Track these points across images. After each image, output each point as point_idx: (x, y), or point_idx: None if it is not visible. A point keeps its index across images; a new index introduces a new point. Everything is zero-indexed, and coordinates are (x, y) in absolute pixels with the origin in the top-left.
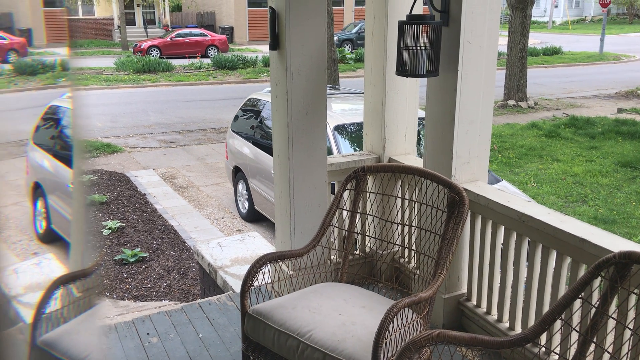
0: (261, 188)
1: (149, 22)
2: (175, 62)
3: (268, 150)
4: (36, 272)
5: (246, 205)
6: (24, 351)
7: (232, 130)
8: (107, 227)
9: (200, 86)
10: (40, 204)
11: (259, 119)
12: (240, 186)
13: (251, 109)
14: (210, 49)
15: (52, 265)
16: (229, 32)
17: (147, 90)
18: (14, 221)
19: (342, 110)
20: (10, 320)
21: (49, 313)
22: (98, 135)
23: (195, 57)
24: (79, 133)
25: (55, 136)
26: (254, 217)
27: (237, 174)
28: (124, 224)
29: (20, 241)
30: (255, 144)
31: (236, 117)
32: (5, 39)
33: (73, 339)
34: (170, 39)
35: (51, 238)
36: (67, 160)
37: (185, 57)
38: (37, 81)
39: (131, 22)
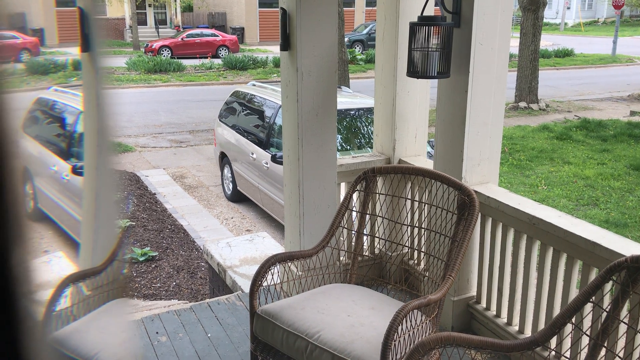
0: (242, 171)
1: (161, 22)
2: (186, 62)
3: (248, 136)
4: (46, 269)
5: (230, 187)
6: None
7: (219, 120)
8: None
9: (211, 86)
10: (28, 186)
11: (242, 109)
12: (226, 170)
13: (236, 100)
14: (221, 49)
15: (62, 263)
16: (240, 32)
17: (158, 90)
18: None
19: None
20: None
21: (58, 311)
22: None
23: (206, 58)
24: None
25: (48, 127)
26: (237, 197)
27: (223, 159)
28: (134, 223)
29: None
30: (238, 131)
31: (223, 108)
32: (18, 38)
33: (83, 337)
34: (182, 39)
35: (39, 217)
36: (60, 150)
37: (196, 57)
38: (49, 80)
39: (143, 22)
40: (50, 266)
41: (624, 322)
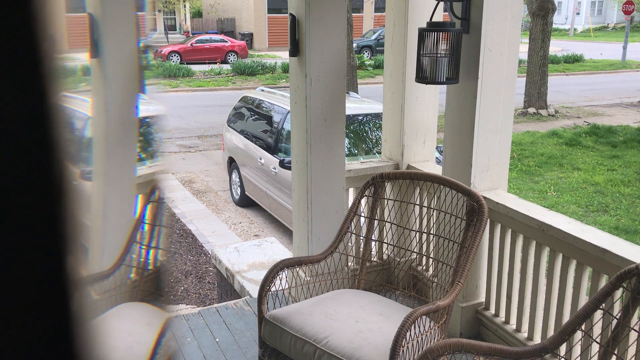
0: (250, 176)
1: (170, 27)
2: (195, 68)
3: (256, 141)
4: None
5: (238, 191)
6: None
7: (228, 125)
8: None
9: (220, 92)
10: None
11: (250, 114)
12: (234, 175)
13: (244, 105)
14: (230, 54)
15: None
16: (249, 38)
17: (167, 95)
18: None
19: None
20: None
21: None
22: None
23: (215, 63)
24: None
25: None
26: (245, 202)
27: (232, 164)
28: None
29: None
30: (246, 136)
31: (231, 113)
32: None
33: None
34: (191, 44)
35: None
36: (70, 157)
37: (205, 63)
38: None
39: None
40: None
41: (635, 330)
